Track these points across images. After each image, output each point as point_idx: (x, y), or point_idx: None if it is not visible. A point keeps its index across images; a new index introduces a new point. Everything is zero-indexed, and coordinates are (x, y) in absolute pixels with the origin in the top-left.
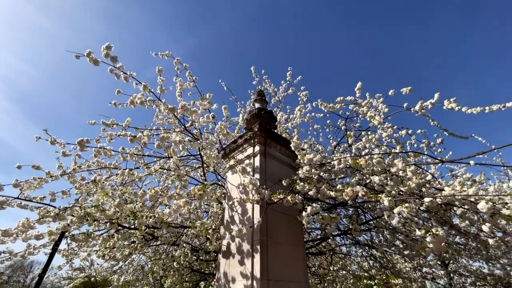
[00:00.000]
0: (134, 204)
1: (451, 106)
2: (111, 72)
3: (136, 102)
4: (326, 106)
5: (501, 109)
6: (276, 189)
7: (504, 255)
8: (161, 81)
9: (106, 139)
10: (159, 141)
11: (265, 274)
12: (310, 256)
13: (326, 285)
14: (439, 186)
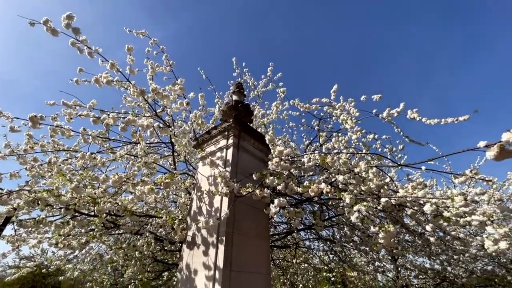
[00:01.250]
0: (94, 190)
1: (413, 116)
2: (73, 45)
3: (102, 81)
4: (302, 106)
5: (454, 122)
6: (246, 183)
7: (443, 252)
8: (131, 60)
9: (65, 118)
10: (124, 124)
11: (228, 265)
12: (275, 249)
13: (288, 277)
14: (395, 188)
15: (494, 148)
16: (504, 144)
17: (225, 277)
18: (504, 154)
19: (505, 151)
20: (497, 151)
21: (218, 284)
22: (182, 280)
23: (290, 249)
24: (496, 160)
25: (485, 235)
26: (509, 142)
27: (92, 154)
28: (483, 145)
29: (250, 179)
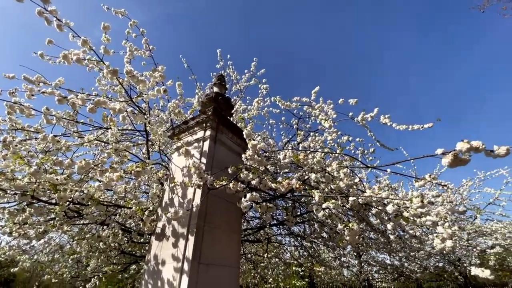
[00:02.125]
0: (57, 176)
1: (385, 121)
2: (40, 15)
3: (71, 58)
4: (283, 103)
5: (420, 129)
6: (221, 176)
7: (402, 249)
8: (106, 40)
9: (25, 94)
10: (93, 105)
11: (198, 257)
12: (248, 244)
13: (258, 271)
14: (363, 189)
15: (449, 156)
16: (458, 153)
17: (194, 269)
18: (457, 162)
19: (458, 159)
20: (451, 158)
21: (186, 276)
22: (149, 272)
23: (262, 244)
24: (450, 167)
25: (436, 234)
26: (462, 151)
27: (56, 137)
28: (440, 152)
29: (226, 173)
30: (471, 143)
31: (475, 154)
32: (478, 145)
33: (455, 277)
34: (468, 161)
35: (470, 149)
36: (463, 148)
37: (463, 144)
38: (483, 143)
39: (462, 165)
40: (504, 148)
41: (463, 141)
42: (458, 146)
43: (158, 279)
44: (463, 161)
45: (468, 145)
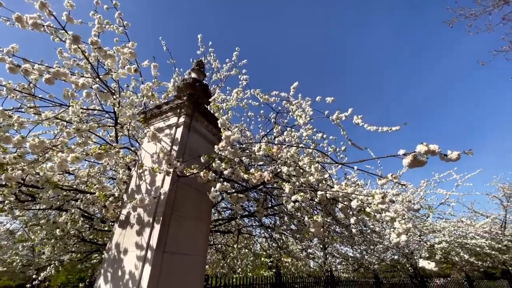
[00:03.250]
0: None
1: (358, 121)
2: None
3: (26, 22)
4: (262, 96)
5: (388, 131)
6: (193, 164)
7: (363, 243)
8: (70, 6)
9: None
10: (50, 76)
11: (162, 246)
12: (219, 234)
13: (228, 261)
14: (332, 184)
15: (409, 156)
16: (417, 155)
17: (158, 257)
18: (416, 163)
19: (417, 160)
20: (411, 159)
21: (149, 265)
22: (109, 260)
23: (233, 235)
24: (410, 167)
25: (392, 229)
26: (420, 153)
27: (7, 111)
28: (402, 153)
29: (198, 162)
30: (429, 146)
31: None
32: (435, 148)
33: (407, 269)
34: (425, 163)
35: (428, 152)
36: (422, 150)
37: (422, 147)
38: (439, 147)
39: (420, 166)
40: (456, 153)
41: (422, 144)
42: (417, 148)
43: (118, 268)
44: (421, 163)
45: (426, 147)
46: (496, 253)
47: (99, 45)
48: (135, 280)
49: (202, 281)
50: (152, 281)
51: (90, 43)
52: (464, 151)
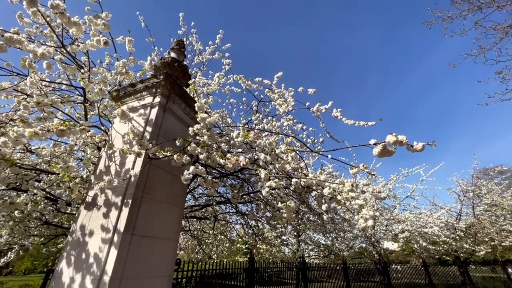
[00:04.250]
0: None
1: (337, 114)
2: None
3: None
4: (244, 82)
5: (365, 125)
6: (168, 147)
7: (334, 231)
8: None
9: None
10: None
11: (131, 228)
12: (195, 220)
13: (204, 247)
14: (307, 173)
15: (379, 146)
16: (386, 144)
17: (125, 240)
18: (385, 153)
19: (386, 150)
20: (380, 149)
21: (115, 248)
22: (73, 243)
23: (209, 221)
24: (379, 156)
25: (361, 215)
26: (390, 143)
27: None
28: (373, 142)
29: (173, 145)
30: (398, 137)
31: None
32: (402, 139)
33: (373, 255)
34: (393, 153)
35: (396, 142)
36: (391, 140)
37: (391, 137)
38: (406, 138)
39: (388, 156)
40: (421, 144)
41: (391, 134)
42: (387, 138)
43: (82, 251)
44: (389, 153)
45: (395, 138)
46: (450, 241)
47: (61, 10)
48: (100, 263)
49: (173, 265)
50: (118, 264)
51: (50, 7)
52: (428, 143)
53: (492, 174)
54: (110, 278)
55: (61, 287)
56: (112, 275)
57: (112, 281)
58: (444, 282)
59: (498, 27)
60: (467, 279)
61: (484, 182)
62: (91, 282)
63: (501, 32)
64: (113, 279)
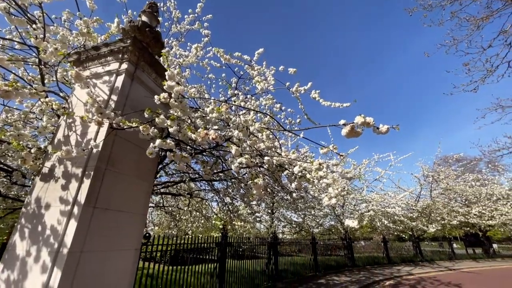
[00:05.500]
0: None
1: (315, 96)
2: None
3: None
4: (223, 56)
5: (340, 107)
6: (134, 118)
7: (305, 208)
8: None
9: None
10: None
11: (93, 201)
12: (170, 197)
13: (179, 223)
14: (281, 152)
15: (348, 126)
16: (355, 125)
17: (86, 213)
18: (353, 133)
19: (354, 131)
20: (349, 129)
21: (75, 220)
22: (28, 215)
23: (184, 198)
24: (347, 137)
25: (326, 193)
26: (358, 124)
27: None
28: (342, 123)
29: (142, 117)
30: (365, 118)
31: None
32: (370, 120)
33: (340, 232)
34: (360, 134)
35: (364, 123)
36: (359, 121)
37: (359, 118)
38: (373, 120)
39: (356, 137)
40: (386, 127)
41: (360, 115)
42: (356, 119)
43: (38, 223)
44: (357, 133)
45: (363, 119)
46: (408, 220)
47: None
48: (58, 236)
49: (140, 239)
50: (78, 236)
51: None
52: (392, 126)
53: (450, 162)
54: (69, 251)
55: (15, 259)
56: (71, 248)
57: (71, 253)
58: (399, 255)
59: (471, 19)
60: (418, 252)
61: (443, 168)
62: (48, 255)
63: (473, 25)
64: (73, 251)
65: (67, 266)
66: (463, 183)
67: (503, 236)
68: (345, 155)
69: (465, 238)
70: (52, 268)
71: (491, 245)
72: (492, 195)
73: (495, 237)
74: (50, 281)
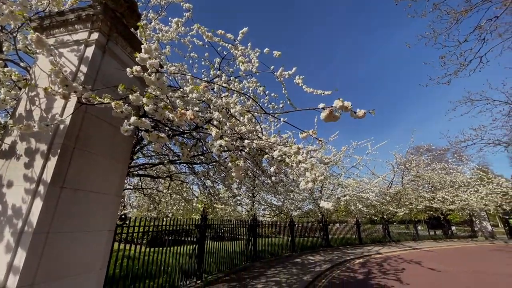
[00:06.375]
0: None
1: (298, 82)
2: None
3: None
4: (205, 33)
5: (321, 94)
6: (106, 94)
7: (284, 192)
8: None
9: None
10: None
11: (60, 181)
12: (149, 179)
13: (159, 206)
14: (262, 137)
15: (326, 110)
16: (333, 109)
17: (53, 192)
18: (331, 117)
19: (332, 115)
20: (327, 113)
21: (41, 199)
22: None
23: (164, 181)
24: (325, 121)
25: (303, 178)
26: (336, 108)
27: None
28: (321, 106)
29: (116, 94)
30: (344, 102)
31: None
32: (348, 105)
33: (317, 215)
34: (338, 118)
35: (342, 107)
36: (337, 105)
37: (338, 102)
38: (351, 104)
39: (334, 121)
40: (362, 111)
41: (339, 99)
42: (334, 103)
43: (0, 202)
44: (335, 118)
45: (341, 103)
46: (380, 204)
47: None
48: (21, 215)
49: (114, 220)
50: (45, 217)
51: None
52: (368, 111)
53: (421, 151)
54: (34, 231)
55: None
56: (37, 228)
57: (37, 234)
58: (370, 237)
59: (452, 12)
60: (387, 234)
61: (414, 157)
62: (11, 235)
63: (453, 18)
64: (38, 232)
65: (33, 246)
66: (431, 171)
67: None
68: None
69: (428, 221)
70: (16, 248)
71: (450, 227)
72: (455, 182)
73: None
74: (14, 261)
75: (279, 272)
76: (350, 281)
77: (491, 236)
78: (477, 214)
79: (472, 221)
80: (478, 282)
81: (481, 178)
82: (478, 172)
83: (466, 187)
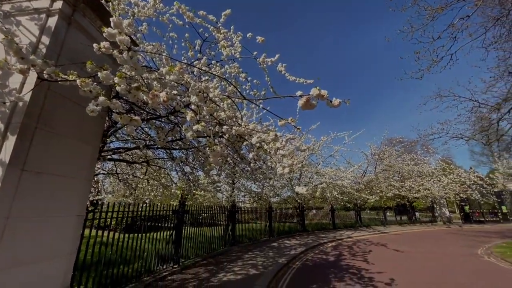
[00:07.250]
0: None
1: (281, 69)
2: None
3: None
4: (186, 13)
5: (304, 83)
6: (71, 70)
7: (263, 179)
8: None
9: None
10: None
11: (20, 163)
12: (125, 164)
13: (135, 192)
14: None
15: (303, 98)
16: (310, 97)
17: (12, 175)
18: (308, 105)
19: (309, 103)
20: (304, 101)
21: None
22: None
23: (141, 166)
24: (302, 108)
25: (281, 164)
26: (313, 96)
27: None
28: (299, 94)
29: (84, 71)
30: (320, 91)
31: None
32: (324, 93)
33: (295, 202)
34: (314, 106)
35: (318, 96)
36: (314, 94)
37: (315, 90)
38: (327, 93)
39: (311, 109)
40: (338, 100)
41: (316, 88)
42: (311, 91)
43: None
44: (312, 106)
45: (318, 91)
46: (354, 191)
47: None
48: None
49: (83, 206)
50: (3, 201)
51: None
52: (343, 100)
53: (394, 143)
54: None
55: None
56: None
57: None
58: (343, 222)
59: (429, 8)
60: (359, 219)
61: (387, 148)
62: None
63: (430, 15)
64: None
65: None
66: (401, 162)
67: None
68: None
69: (396, 208)
70: None
71: (414, 213)
72: (422, 172)
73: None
74: None
75: (256, 256)
76: (322, 262)
77: (449, 221)
78: (438, 201)
79: (433, 208)
80: (430, 259)
81: (444, 169)
82: (442, 164)
83: (430, 176)
